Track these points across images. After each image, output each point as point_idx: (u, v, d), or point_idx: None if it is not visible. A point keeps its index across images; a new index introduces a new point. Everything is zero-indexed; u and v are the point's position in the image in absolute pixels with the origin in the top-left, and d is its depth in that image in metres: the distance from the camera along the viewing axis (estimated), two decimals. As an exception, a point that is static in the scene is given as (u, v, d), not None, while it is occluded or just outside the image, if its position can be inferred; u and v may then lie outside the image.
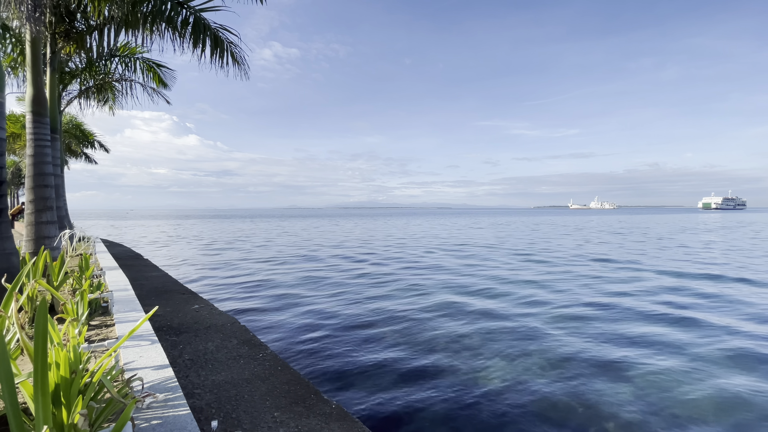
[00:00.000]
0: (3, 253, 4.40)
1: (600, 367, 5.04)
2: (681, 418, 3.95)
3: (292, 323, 7.04)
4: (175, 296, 7.98)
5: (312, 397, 3.93)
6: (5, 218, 4.55)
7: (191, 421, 2.09)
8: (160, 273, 11.37)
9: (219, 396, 3.70)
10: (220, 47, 7.50)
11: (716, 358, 5.40)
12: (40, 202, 6.80)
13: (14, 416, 1.38)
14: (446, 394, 4.36)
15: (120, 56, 11.31)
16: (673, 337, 6.19)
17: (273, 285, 10.71)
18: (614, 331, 6.44)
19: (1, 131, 4.53)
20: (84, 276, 4.77)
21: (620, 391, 4.42)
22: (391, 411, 4.05)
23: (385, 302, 8.45)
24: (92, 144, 22.54)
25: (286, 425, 3.27)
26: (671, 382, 4.65)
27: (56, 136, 10.05)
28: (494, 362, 5.12)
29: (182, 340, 5.16)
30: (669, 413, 4.02)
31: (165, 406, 2.24)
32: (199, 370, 4.26)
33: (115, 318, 4.23)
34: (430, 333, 6.39)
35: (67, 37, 8.96)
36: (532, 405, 4.15)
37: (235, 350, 5.03)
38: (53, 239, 6.92)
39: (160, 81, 11.78)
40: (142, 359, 2.98)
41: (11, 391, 1.38)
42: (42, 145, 6.98)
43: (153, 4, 6.86)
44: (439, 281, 10.93)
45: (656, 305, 8.14)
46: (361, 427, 3.49)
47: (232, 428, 3.14)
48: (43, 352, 1.37)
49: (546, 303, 8.32)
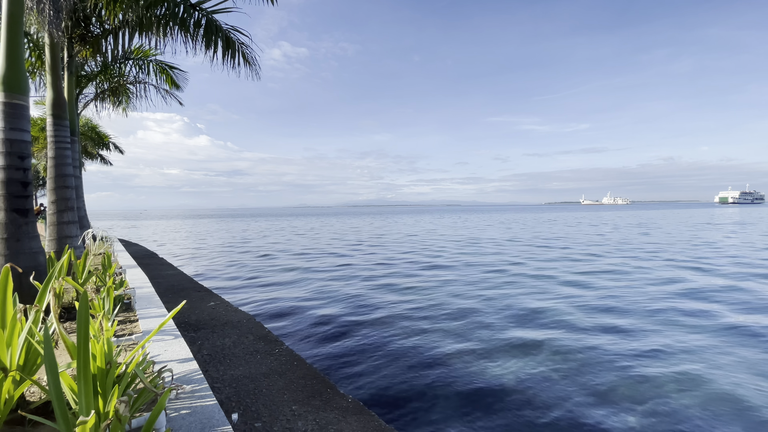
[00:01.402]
0: (30, 252, 4.57)
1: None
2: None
3: (308, 320, 7.15)
4: (191, 294, 8.16)
5: (328, 391, 4.01)
6: (31, 218, 4.72)
7: (218, 411, 2.18)
8: (176, 271, 11.62)
9: (238, 390, 3.81)
10: (232, 48, 7.60)
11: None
12: (62, 203, 7.01)
13: (59, 404, 1.47)
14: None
15: (134, 59, 11.52)
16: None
17: (291, 283, 10.85)
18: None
19: (26, 134, 4.69)
20: (107, 274, 4.92)
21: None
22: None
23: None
24: (107, 146, 23.03)
25: (304, 418, 3.35)
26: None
27: (75, 138, 10.32)
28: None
29: (200, 336, 5.30)
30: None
31: (192, 396, 2.34)
32: (217, 365, 4.38)
33: (137, 314, 4.37)
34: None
35: (84, 41, 9.18)
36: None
37: (252, 346, 5.14)
38: (74, 238, 7.13)
39: (173, 83, 11.97)
40: (167, 353, 3.09)
41: (56, 381, 1.46)
42: (62, 147, 7.19)
43: (166, 7, 6.99)
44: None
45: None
46: (377, 421, 3.55)
47: (252, 421, 3.24)
48: (85, 343, 1.45)
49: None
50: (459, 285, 10.14)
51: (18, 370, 2.03)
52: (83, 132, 20.49)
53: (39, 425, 2.10)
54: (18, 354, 2.10)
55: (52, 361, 1.47)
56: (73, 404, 1.87)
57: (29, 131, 4.73)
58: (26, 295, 4.28)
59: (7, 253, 4.46)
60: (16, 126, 4.57)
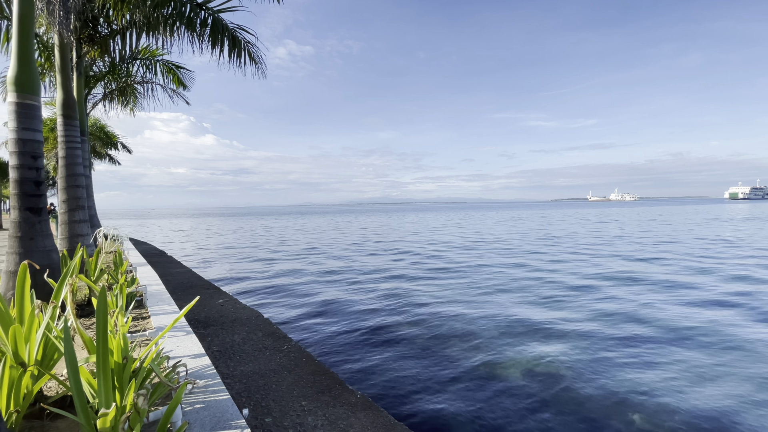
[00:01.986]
0: (44, 250, 4.65)
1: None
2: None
3: (317, 317, 7.19)
4: (200, 291, 8.25)
5: (337, 387, 4.04)
6: (45, 217, 4.80)
7: (231, 406, 2.21)
8: (184, 269, 11.74)
9: (248, 385, 3.85)
10: (238, 47, 7.62)
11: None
12: (73, 202, 7.11)
13: (79, 398, 1.50)
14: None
15: (141, 59, 11.61)
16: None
17: (297, 281, 10.91)
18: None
19: (38, 134, 4.76)
20: (119, 271, 4.99)
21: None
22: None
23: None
24: (115, 145, 23.25)
25: (314, 414, 3.38)
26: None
27: (84, 138, 10.45)
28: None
29: (210, 333, 5.36)
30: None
31: (205, 391, 2.37)
32: (227, 361, 4.43)
33: (149, 311, 4.43)
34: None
35: (92, 42, 9.27)
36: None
37: (261, 342, 5.19)
38: (85, 237, 7.23)
39: (180, 82, 12.06)
40: (179, 348, 3.13)
41: (76, 376, 1.50)
42: (73, 147, 7.28)
43: (173, 7, 7.03)
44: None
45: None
46: (386, 417, 3.57)
47: (262, 416, 3.27)
48: (104, 338, 1.48)
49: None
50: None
51: (36, 365, 2.08)
52: (92, 132, 20.72)
53: (56, 419, 2.15)
54: (36, 349, 2.15)
55: (72, 356, 1.51)
56: (91, 398, 1.91)
57: (41, 131, 4.79)
58: (41, 292, 4.36)
59: (22, 251, 4.54)
60: (28, 126, 4.63)
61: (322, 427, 3.14)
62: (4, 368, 1.86)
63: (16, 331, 1.97)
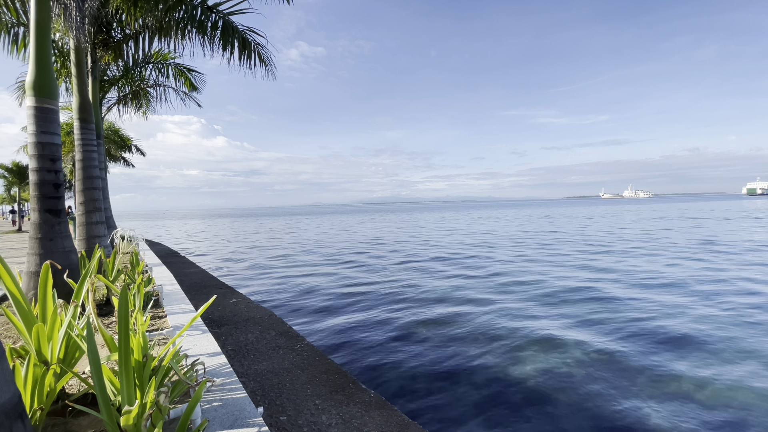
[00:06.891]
0: (63, 251, 4.77)
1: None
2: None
3: (327, 316, 7.21)
4: (214, 291, 8.35)
5: (351, 386, 4.04)
6: (63, 218, 4.91)
7: (249, 404, 2.22)
8: (198, 269, 11.91)
9: (263, 384, 3.88)
10: (248, 49, 7.69)
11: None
12: (90, 204, 7.27)
13: (102, 395, 1.53)
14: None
15: (154, 62, 11.82)
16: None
17: (308, 282, 10.97)
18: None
19: (56, 137, 4.87)
20: (136, 271, 5.08)
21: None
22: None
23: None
24: (129, 148, 23.73)
25: (328, 412, 3.39)
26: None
27: (100, 141, 10.67)
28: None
29: (224, 332, 5.42)
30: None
31: (223, 389, 2.39)
32: (242, 360, 4.47)
33: (165, 310, 4.50)
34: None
35: (106, 47, 9.46)
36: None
37: (274, 341, 5.23)
38: (103, 238, 7.39)
39: (191, 85, 12.23)
40: (195, 347, 3.17)
41: (99, 374, 1.52)
42: (89, 150, 7.44)
43: (185, 10, 7.12)
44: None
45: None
46: (400, 416, 3.56)
47: (277, 414, 3.29)
48: (126, 336, 1.50)
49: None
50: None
51: (58, 363, 2.12)
52: (107, 135, 21.16)
53: (79, 416, 2.19)
54: (58, 348, 2.20)
55: (95, 354, 1.53)
56: (112, 396, 1.94)
57: (59, 134, 4.90)
58: (60, 292, 4.46)
59: (42, 252, 4.65)
60: (47, 129, 4.75)
61: (336, 425, 3.14)
62: (28, 366, 1.90)
63: (39, 330, 2.01)
